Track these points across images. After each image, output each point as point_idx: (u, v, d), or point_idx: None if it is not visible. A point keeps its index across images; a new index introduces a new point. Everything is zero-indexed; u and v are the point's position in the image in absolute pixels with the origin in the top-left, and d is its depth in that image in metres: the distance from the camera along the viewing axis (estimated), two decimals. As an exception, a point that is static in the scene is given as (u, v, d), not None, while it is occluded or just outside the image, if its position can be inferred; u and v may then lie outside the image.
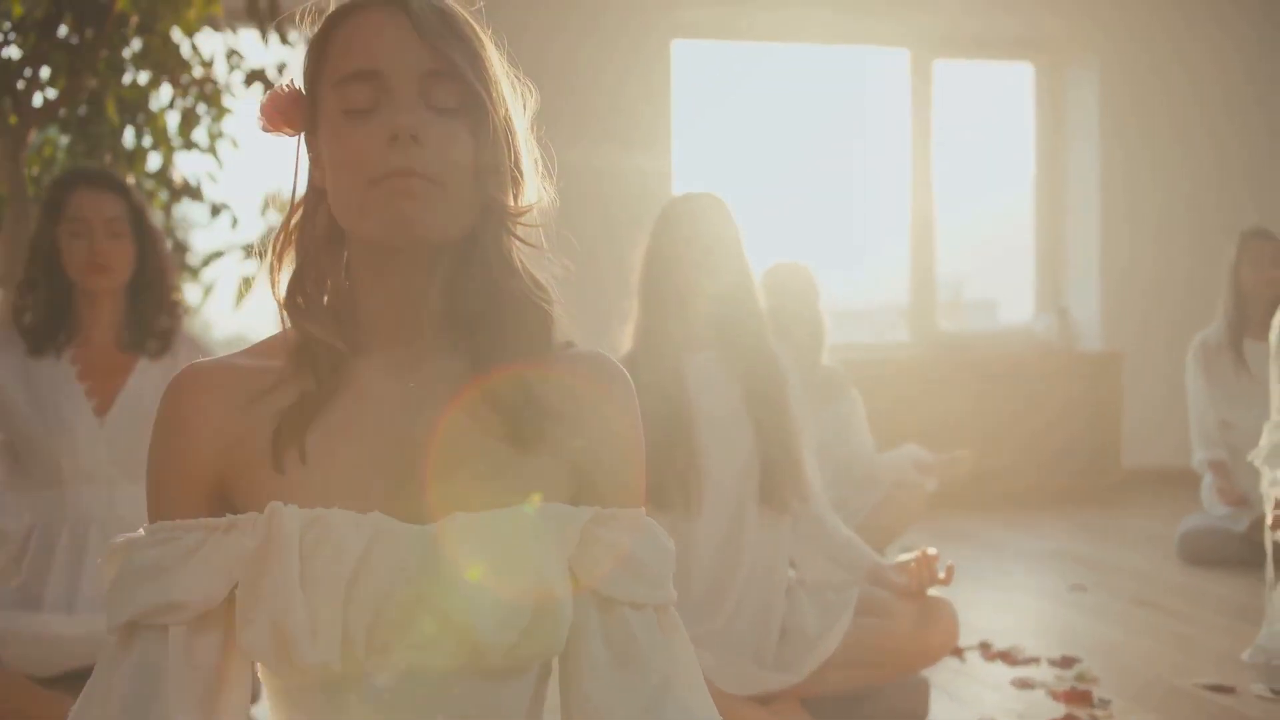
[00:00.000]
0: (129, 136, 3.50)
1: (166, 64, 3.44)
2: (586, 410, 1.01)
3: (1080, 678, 2.41)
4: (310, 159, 1.00)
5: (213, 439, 0.96)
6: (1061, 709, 2.22)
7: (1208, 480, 3.80)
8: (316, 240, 0.99)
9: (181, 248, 3.83)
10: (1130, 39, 5.57)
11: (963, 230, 5.75)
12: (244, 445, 0.96)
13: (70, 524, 2.20)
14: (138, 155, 3.58)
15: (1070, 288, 5.77)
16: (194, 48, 3.55)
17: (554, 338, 1.01)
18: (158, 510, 0.97)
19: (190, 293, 3.83)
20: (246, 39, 3.74)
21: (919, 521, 3.55)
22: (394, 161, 0.90)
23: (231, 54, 3.67)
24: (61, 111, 3.24)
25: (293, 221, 1.01)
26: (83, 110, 3.34)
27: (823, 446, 2.81)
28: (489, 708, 0.97)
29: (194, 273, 3.83)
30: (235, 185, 4.23)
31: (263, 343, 1.02)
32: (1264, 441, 2.47)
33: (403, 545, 0.92)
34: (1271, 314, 3.78)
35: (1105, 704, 2.27)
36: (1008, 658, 2.59)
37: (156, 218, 2.81)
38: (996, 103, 5.98)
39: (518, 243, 0.98)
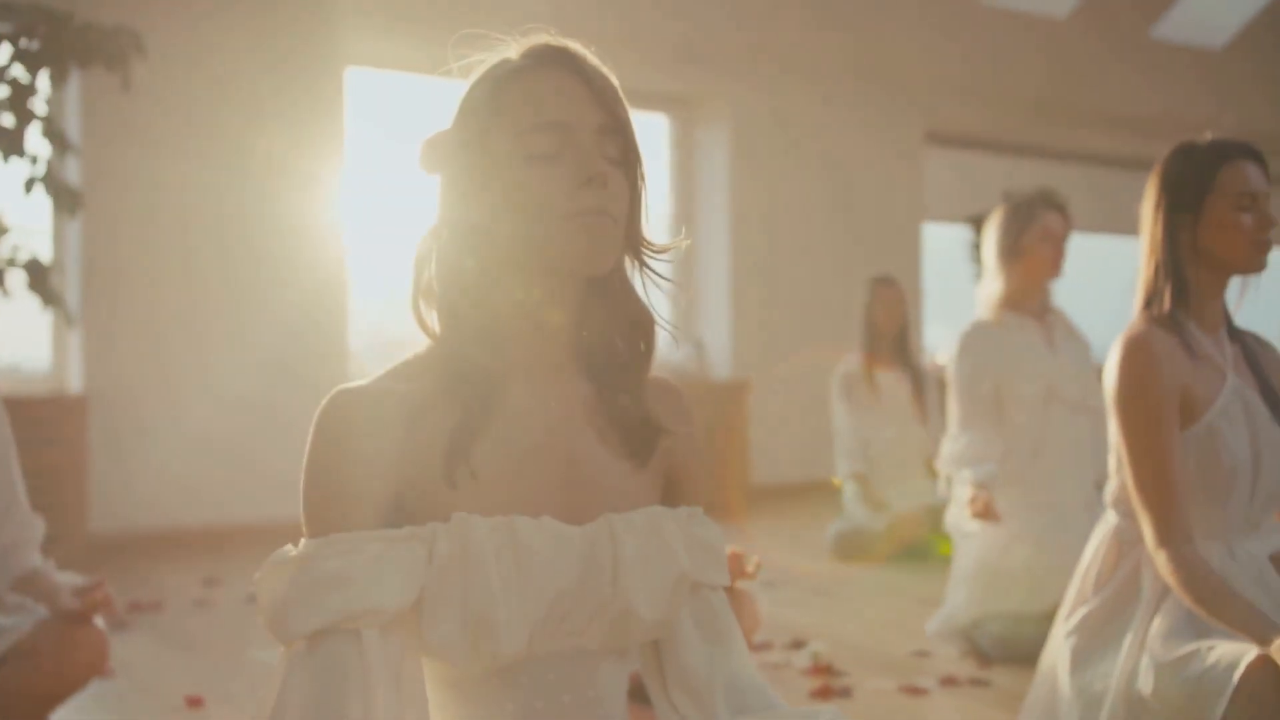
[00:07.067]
0: None
1: None
2: (673, 425, 1.19)
3: (815, 656, 2.83)
4: (453, 199, 1.10)
5: (380, 457, 1.03)
6: (815, 683, 2.61)
7: (851, 488, 4.44)
8: (466, 271, 1.09)
9: None
10: (757, 99, 6.33)
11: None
12: (413, 462, 1.04)
13: None
14: None
15: (704, 320, 6.42)
16: None
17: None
18: (327, 524, 1.02)
19: None
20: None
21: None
22: (587, 201, 1.04)
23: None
24: None
25: (436, 255, 1.10)
26: None
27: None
28: (618, 683, 1.13)
29: None
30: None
31: (401, 366, 1.10)
32: (945, 450, 3.03)
33: (572, 544, 1.06)
34: (897, 348, 4.53)
35: (846, 674, 2.69)
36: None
37: None
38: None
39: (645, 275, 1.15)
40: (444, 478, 1.04)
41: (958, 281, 7.10)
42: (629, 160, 1.10)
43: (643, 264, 1.14)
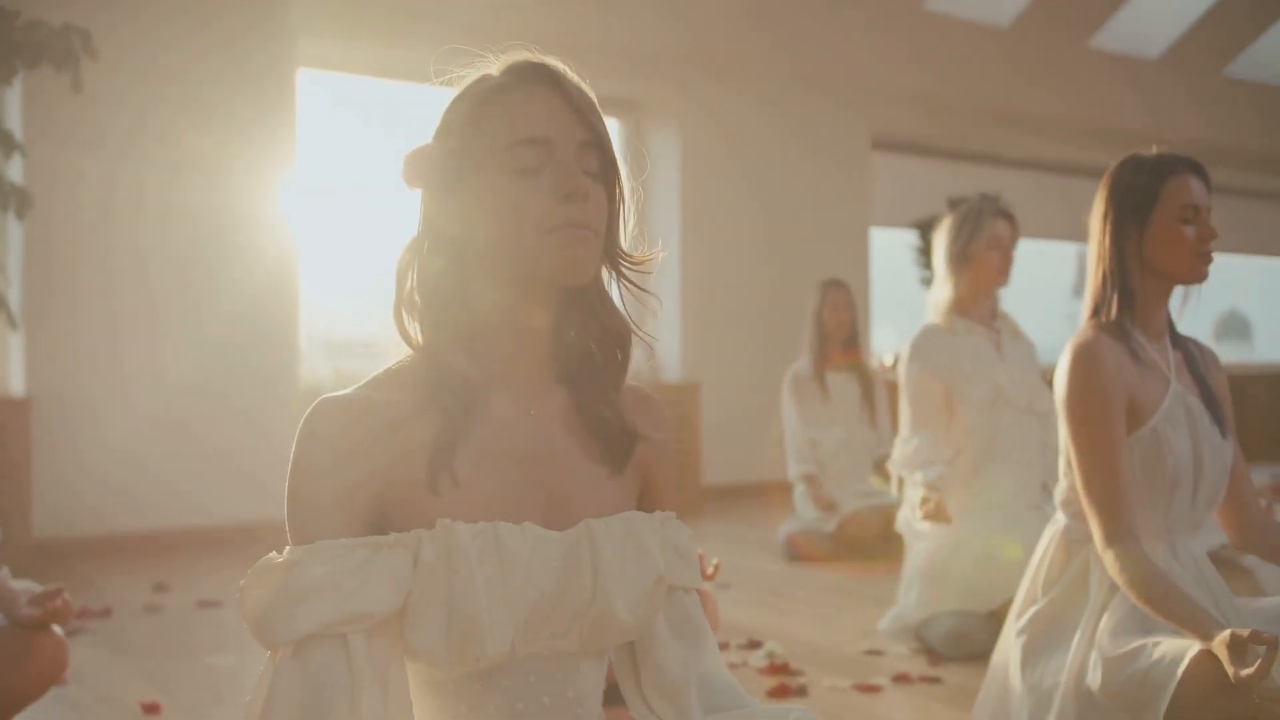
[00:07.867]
0: None
1: None
2: (648, 432, 1.22)
3: (771, 655, 2.87)
4: (434, 211, 1.12)
5: (363, 466, 1.05)
6: (772, 682, 2.66)
7: (800, 490, 4.50)
8: (448, 282, 1.11)
9: None
10: (705, 104, 6.38)
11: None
12: (396, 470, 1.06)
13: None
14: None
15: (654, 323, 6.45)
16: None
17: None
18: (310, 532, 1.03)
19: None
20: None
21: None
22: (569, 214, 1.07)
23: None
24: None
25: (417, 266, 1.12)
26: None
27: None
28: (596, 684, 1.16)
29: None
30: None
31: (383, 375, 1.12)
32: (897, 453, 3.09)
33: (553, 549, 1.09)
34: (846, 349, 4.59)
35: (801, 673, 2.74)
36: (703, 646, 2.99)
37: None
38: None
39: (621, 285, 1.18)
40: (427, 485, 1.06)
41: (904, 284, 7.21)
42: (608, 174, 1.13)
43: (620, 275, 1.17)
